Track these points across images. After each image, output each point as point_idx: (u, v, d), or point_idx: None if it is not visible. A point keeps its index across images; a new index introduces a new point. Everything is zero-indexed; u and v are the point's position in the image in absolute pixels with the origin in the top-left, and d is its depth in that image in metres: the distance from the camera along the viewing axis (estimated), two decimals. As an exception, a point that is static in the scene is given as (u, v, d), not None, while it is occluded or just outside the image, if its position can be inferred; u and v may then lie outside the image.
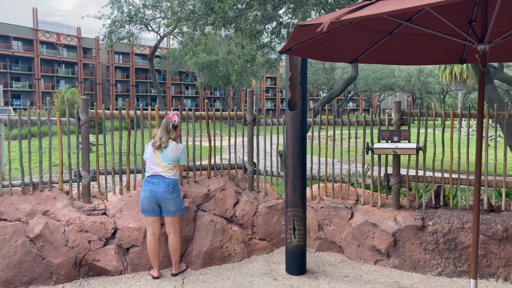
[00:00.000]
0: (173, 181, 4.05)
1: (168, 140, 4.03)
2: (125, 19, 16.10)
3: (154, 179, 4.03)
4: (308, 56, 3.29)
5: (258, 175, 5.23)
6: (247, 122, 5.20)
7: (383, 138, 4.60)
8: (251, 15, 9.64)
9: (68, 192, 4.59)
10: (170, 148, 4.03)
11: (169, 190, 4.00)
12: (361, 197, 4.84)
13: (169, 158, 4.03)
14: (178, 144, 4.13)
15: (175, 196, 4.05)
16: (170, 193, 4.01)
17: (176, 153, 4.06)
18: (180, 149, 4.10)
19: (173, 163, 4.07)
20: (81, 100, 4.48)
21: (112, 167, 4.67)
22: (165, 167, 4.03)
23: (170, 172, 4.05)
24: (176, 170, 4.11)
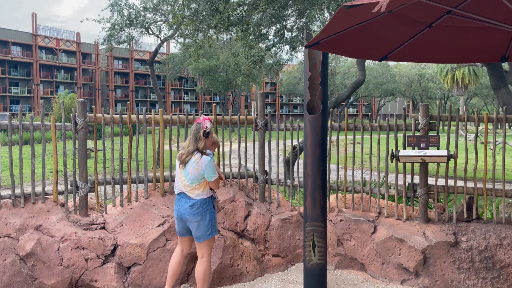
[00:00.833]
0: (199, 201, 3.34)
1: (194, 152, 3.28)
2: (125, 23, 15.75)
3: (180, 196, 3.43)
4: (335, 52, 2.91)
5: (270, 184, 4.82)
6: (258, 127, 4.79)
7: (409, 145, 4.20)
8: (256, 17, 9.29)
9: (63, 204, 4.17)
10: (191, 164, 3.29)
11: (192, 212, 3.33)
12: (384, 209, 4.43)
13: (191, 177, 3.31)
14: (202, 157, 3.28)
15: (199, 219, 3.34)
16: (193, 215, 3.34)
17: (198, 170, 3.28)
18: (202, 164, 3.27)
19: (197, 182, 3.33)
20: (78, 103, 4.07)
21: (112, 176, 4.26)
22: (187, 187, 3.35)
23: (194, 191, 3.35)
24: (202, 188, 3.37)
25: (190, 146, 3.28)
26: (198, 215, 3.33)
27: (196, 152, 3.28)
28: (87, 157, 4.13)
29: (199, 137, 3.29)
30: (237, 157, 4.81)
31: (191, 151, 3.27)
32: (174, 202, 4.29)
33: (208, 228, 3.38)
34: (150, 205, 4.28)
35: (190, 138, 3.34)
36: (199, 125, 3.33)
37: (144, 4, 15.50)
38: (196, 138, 3.29)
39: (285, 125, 4.77)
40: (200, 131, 3.31)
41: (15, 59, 51.30)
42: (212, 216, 3.42)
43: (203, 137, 3.30)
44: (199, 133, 3.30)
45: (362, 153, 4.48)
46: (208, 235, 3.38)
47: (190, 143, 3.31)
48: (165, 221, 4.12)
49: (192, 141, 3.30)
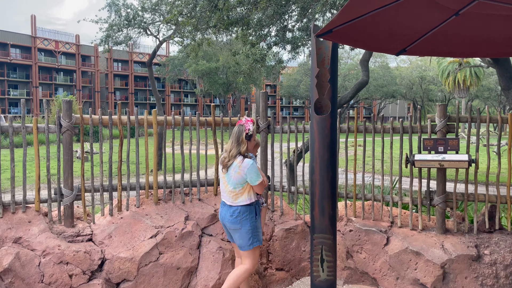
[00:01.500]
0: (239, 208, 3.17)
1: (236, 155, 3.14)
2: (123, 23, 15.42)
3: (223, 203, 3.30)
4: (349, 43, 2.57)
5: (273, 191, 4.46)
6: (260, 129, 4.44)
7: (425, 148, 3.84)
8: (256, 16, 8.96)
9: (46, 214, 3.81)
10: (233, 168, 3.15)
11: (232, 219, 3.18)
12: (398, 218, 4.06)
13: (234, 181, 3.16)
14: (244, 160, 3.14)
15: (238, 227, 3.18)
16: (232, 223, 3.19)
17: (240, 174, 3.13)
18: (245, 167, 3.12)
19: (240, 186, 3.17)
20: (63, 103, 3.72)
21: (100, 182, 3.90)
22: (230, 192, 3.20)
23: (237, 197, 3.19)
24: (245, 194, 3.19)
25: (233, 150, 3.15)
26: (237, 223, 3.18)
27: (238, 156, 3.14)
28: (72, 162, 3.77)
29: (242, 140, 3.16)
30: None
31: (234, 155, 3.14)
32: (167, 211, 3.94)
33: (249, 238, 3.18)
34: (142, 215, 3.92)
35: (232, 141, 3.18)
36: (242, 127, 3.19)
37: (142, 3, 15.18)
38: (239, 141, 3.15)
39: (289, 127, 4.41)
40: (243, 133, 3.17)
41: (14, 61, 51.01)
42: (253, 225, 3.21)
43: (245, 140, 3.17)
44: (242, 136, 3.16)
45: (373, 157, 4.12)
46: (249, 245, 3.19)
47: (232, 146, 3.17)
48: (158, 232, 3.76)
49: (234, 144, 3.16)
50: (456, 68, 40.77)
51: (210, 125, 4.29)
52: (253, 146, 3.33)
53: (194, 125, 4.23)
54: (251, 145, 3.26)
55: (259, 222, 3.31)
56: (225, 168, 3.18)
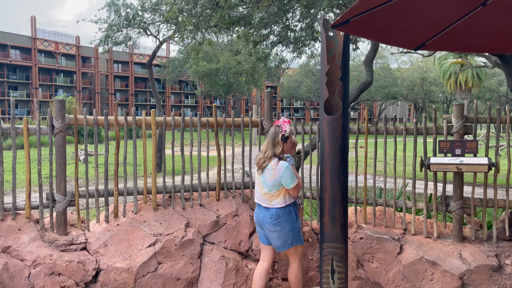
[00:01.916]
0: (278, 211, 3.12)
1: (271, 157, 3.07)
2: (123, 23, 15.21)
3: (259, 206, 3.28)
4: (366, 35, 2.35)
5: (278, 196, 4.22)
6: (265, 130, 4.21)
7: (440, 151, 3.61)
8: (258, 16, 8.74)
9: (38, 221, 3.58)
10: (268, 170, 3.10)
11: (272, 222, 3.12)
12: (411, 225, 3.83)
13: (269, 184, 3.11)
14: (279, 162, 3.08)
15: (278, 229, 3.12)
16: (272, 225, 3.13)
17: (275, 177, 3.07)
18: (279, 170, 3.06)
19: (275, 189, 3.11)
20: (56, 102, 3.49)
21: (95, 187, 3.66)
22: (265, 195, 3.16)
23: (272, 200, 3.14)
24: (281, 196, 3.13)
25: (268, 151, 3.10)
26: (277, 225, 3.12)
27: (273, 157, 3.08)
28: (65, 166, 3.54)
29: (277, 142, 3.09)
30: (240, 163, 4.23)
31: (269, 156, 3.09)
32: (167, 218, 3.71)
33: (289, 238, 3.16)
34: (140, 221, 3.68)
35: (268, 142, 3.13)
36: (278, 128, 3.12)
37: (142, 3, 14.96)
38: (274, 143, 3.09)
39: (295, 128, 4.18)
40: (279, 135, 3.10)
41: (13, 63, 50.85)
42: (294, 226, 3.18)
43: (281, 141, 3.10)
44: (278, 137, 3.09)
45: (385, 160, 3.89)
46: (288, 244, 3.17)
47: (268, 147, 3.11)
48: (157, 241, 3.53)
49: (270, 146, 3.10)
50: (457, 69, 40.58)
51: (212, 126, 4.06)
52: (290, 147, 3.23)
53: (195, 126, 4.00)
54: (287, 146, 3.18)
55: (299, 223, 3.28)
56: (260, 169, 3.14)
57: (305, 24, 9.12)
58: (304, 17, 8.56)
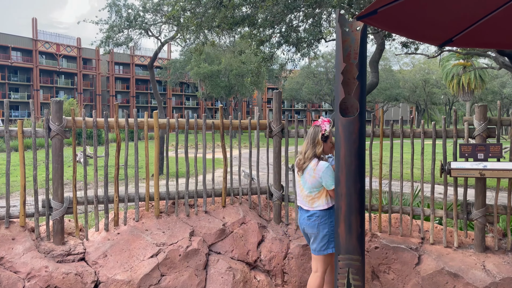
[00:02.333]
0: (317, 213, 3.02)
1: (311, 157, 2.98)
2: (124, 24, 15.01)
3: (300, 208, 3.18)
4: (392, 29, 2.15)
5: (287, 201, 4.01)
6: (273, 133, 3.99)
7: (462, 155, 3.39)
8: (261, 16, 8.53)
9: (33, 230, 3.36)
10: (308, 171, 3.00)
11: (310, 223, 3.05)
12: (430, 234, 3.60)
13: (309, 185, 3.02)
14: (319, 163, 2.97)
15: (315, 232, 3.03)
16: (310, 227, 3.05)
17: (316, 178, 2.97)
18: (319, 171, 2.96)
19: (316, 191, 3.01)
20: (52, 103, 3.28)
21: (94, 193, 3.45)
22: (306, 197, 3.06)
23: (313, 202, 3.04)
24: (323, 198, 3.03)
25: (308, 151, 3.00)
26: (314, 227, 3.03)
27: (313, 158, 2.99)
28: (62, 171, 3.32)
29: (317, 141, 3.00)
30: (247, 168, 4.01)
31: (309, 157, 2.99)
32: (170, 226, 3.49)
33: (324, 243, 3.04)
34: (141, 230, 3.47)
35: (307, 143, 3.04)
36: (317, 128, 3.02)
37: (143, 3, 14.77)
38: (314, 143, 3.00)
39: (306, 131, 3.95)
40: (318, 134, 3.00)
41: (15, 64, 50.75)
42: (331, 230, 3.05)
43: (321, 141, 3.00)
44: (317, 137, 3.00)
45: (401, 164, 3.67)
46: (323, 250, 3.04)
47: (307, 147, 3.02)
48: (160, 251, 3.31)
49: (310, 146, 3.01)
50: (460, 70, 40.43)
51: (218, 129, 3.85)
52: (330, 147, 3.12)
53: (200, 128, 3.79)
54: (327, 146, 3.07)
55: None
56: (300, 170, 3.05)
57: (309, 25, 8.92)
58: (308, 17, 8.35)
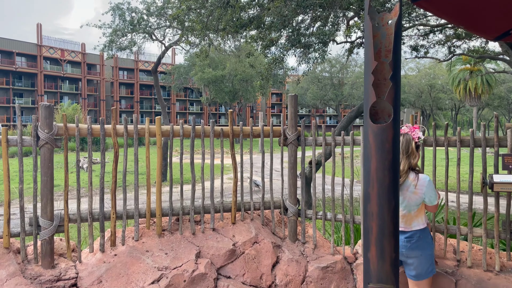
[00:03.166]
0: (418, 233, 2.65)
1: (407, 171, 2.58)
2: (128, 28, 14.75)
3: None
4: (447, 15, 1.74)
5: (303, 217, 3.60)
6: (288, 140, 3.60)
7: (505, 167, 2.98)
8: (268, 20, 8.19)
9: (19, 251, 2.98)
10: (407, 187, 2.57)
11: (412, 245, 2.65)
12: (467, 255, 3.18)
13: (409, 203, 2.62)
14: (419, 177, 2.61)
15: (419, 254, 2.65)
16: (412, 250, 2.65)
17: (418, 194, 2.59)
18: (422, 185, 2.59)
19: (416, 208, 2.63)
20: (41, 108, 2.90)
21: (88, 209, 3.06)
22: (404, 217, 2.64)
23: (412, 221, 2.65)
24: (421, 215, 2.68)
25: (402, 164, 2.60)
26: (417, 248, 2.65)
27: (409, 171, 2.61)
28: (52, 184, 2.94)
29: (412, 152, 2.62)
30: (255, 176, 3.62)
31: (405, 171, 2.59)
32: (174, 246, 3.09)
33: (430, 263, 2.71)
34: (141, 251, 3.07)
35: None
36: (409, 136, 2.66)
37: (147, 6, 14.50)
38: (408, 153, 2.61)
39: (324, 139, 3.55)
40: (411, 143, 2.64)
41: (19, 70, 50.80)
42: (433, 250, 2.77)
43: (415, 151, 2.64)
44: (411, 146, 2.63)
45: (434, 176, 3.26)
46: (429, 272, 2.71)
47: (400, 160, 2.55)
48: (162, 276, 2.91)
49: (403, 158, 2.60)
50: (467, 75, 39.98)
51: (227, 136, 3.46)
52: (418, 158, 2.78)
53: (206, 136, 3.40)
54: (418, 157, 2.72)
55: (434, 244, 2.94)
56: None
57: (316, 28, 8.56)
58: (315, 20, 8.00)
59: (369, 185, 2.58)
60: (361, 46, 10.30)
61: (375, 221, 2.59)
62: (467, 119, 66.93)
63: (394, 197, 2.61)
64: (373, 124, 2.61)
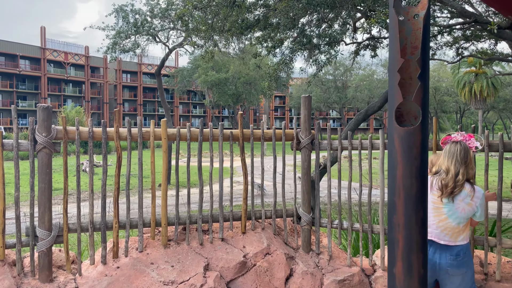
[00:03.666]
0: (463, 248, 2.49)
1: (464, 181, 2.43)
2: (131, 30, 14.60)
3: (431, 244, 2.54)
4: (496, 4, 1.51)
5: (318, 226, 3.38)
6: (301, 144, 3.39)
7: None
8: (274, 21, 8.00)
9: (15, 263, 2.77)
10: (463, 199, 2.41)
11: (458, 263, 2.46)
12: (496, 268, 2.95)
13: (461, 215, 2.46)
14: (475, 189, 2.47)
15: (464, 272, 2.48)
16: (457, 268, 2.47)
17: (472, 206, 2.44)
18: (478, 198, 2.45)
19: (465, 222, 2.47)
20: (39, 110, 2.71)
21: (89, 218, 2.86)
22: (452, 229, 2.47)
23: (459, 235, 2.48)
24: (467, 229, 2.53)
25: (461, 174, 2.43)
26: (463, 265, 2.48)
27: (465, 182, 2.46)
28: (51, 192, 2.74)
29: (469, 162, 2.47)
30: (273, 186, 3.41)
31: (463, 181, 2.43)
32: (180, 258, 2.88)
33: (473, 282, 2.55)
34: (146, 263, 2.86)
35: (455, 163, 2.46)
36: (465, 145, 2.50)
37: (151, 7, 14.35)
38: (466, 163, 2.46)
39: (340, 142, 3.33)
40: (469, 152, 2.49)
41: (23, 73, 50.89)
42: (473, 267, 2.61)
43: (472, 161, 2.50)
44: (469, 155, 2.48)
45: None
46: None
47: (457, 169, 2.44)
48: (168, 291, 2.70)
49: (461, 167, 2.44)
50: (472, 78, 39.76)
51: (237, 140, 3.25)
52: None
53: (216, 140, 3.20)
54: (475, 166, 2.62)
55: None
56: (449, 196, 2.44)
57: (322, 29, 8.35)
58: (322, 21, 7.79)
59: (395, 194, 2.33)
60: (367, 48, 10.09)
61: (402, 233, 2.35)
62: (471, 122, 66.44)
63: (422, 207, 2.36)
64: (399, 127, 2.36)
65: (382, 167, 3.21)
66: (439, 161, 2.54)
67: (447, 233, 2.47)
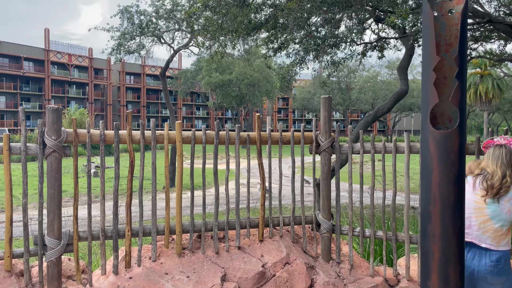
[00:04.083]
0: (505, 254, 2.36)
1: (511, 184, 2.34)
2: (136, 31, 14.50)
3: (470, 247, 2.42)
4: None
5: (338, 233, 3.22)
6: (321, 148, 3.23)
7: None
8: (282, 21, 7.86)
9: (23, 274, 2.63)
10: (509, 198, 2.31)
11: (499, 270, 2.33)
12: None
13: (505, 217, 2.35)
14: None
15: (504, 280, 2.35)
16: (498, 274, 2.34)
17: None
18: None
19: (508, 225, 2.35)
20: (48, 112, 2.56)
21: (101, 227, 2.71)
22: (495, 232, 2.36)
23: (501, 239, 2.35)
24: (510, 234, 2.40)
25: (508, 177, 2.35)
26: (504, 274, 2.35)
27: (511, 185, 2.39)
28: (60, 199, 2.60)
29: None
30: (291, 191, 3.25)
31: (509, 184, 2.35)
32: (196, 267, 2.73)
33: None
34: (160, 273, 2.71)
35: (500, 166, 2.38)
36: (510, 148, 2.44)
37: (156, 8, 14.25)
38: None
39: (362, 146, 3.17)
40: None
41: (27, 75, 51.01)
42: None
43: None
44: None
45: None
46: None
47: (503, 172, 2.36)
48: (184, 304, 2.54)
49: (508, 170, 2.37)
50: (477, 80, 39.53)
51: (254, 143, 3.10)
52: None
53: (232, 143, 3.05)
54: None
55: None
56: (494, 197, 2.34)
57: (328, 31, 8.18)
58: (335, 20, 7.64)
59: (430, 202, 2.15)
60: (375, 49, 9.93)
61: (438, 244, 2.16)
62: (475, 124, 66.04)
63: (460, 217, 2.17)
64: (435, 130, 2.18)
65: (407, 172, 3.05)
66: (481, 165, 2.41)
67: (489, 236, 2.35)
